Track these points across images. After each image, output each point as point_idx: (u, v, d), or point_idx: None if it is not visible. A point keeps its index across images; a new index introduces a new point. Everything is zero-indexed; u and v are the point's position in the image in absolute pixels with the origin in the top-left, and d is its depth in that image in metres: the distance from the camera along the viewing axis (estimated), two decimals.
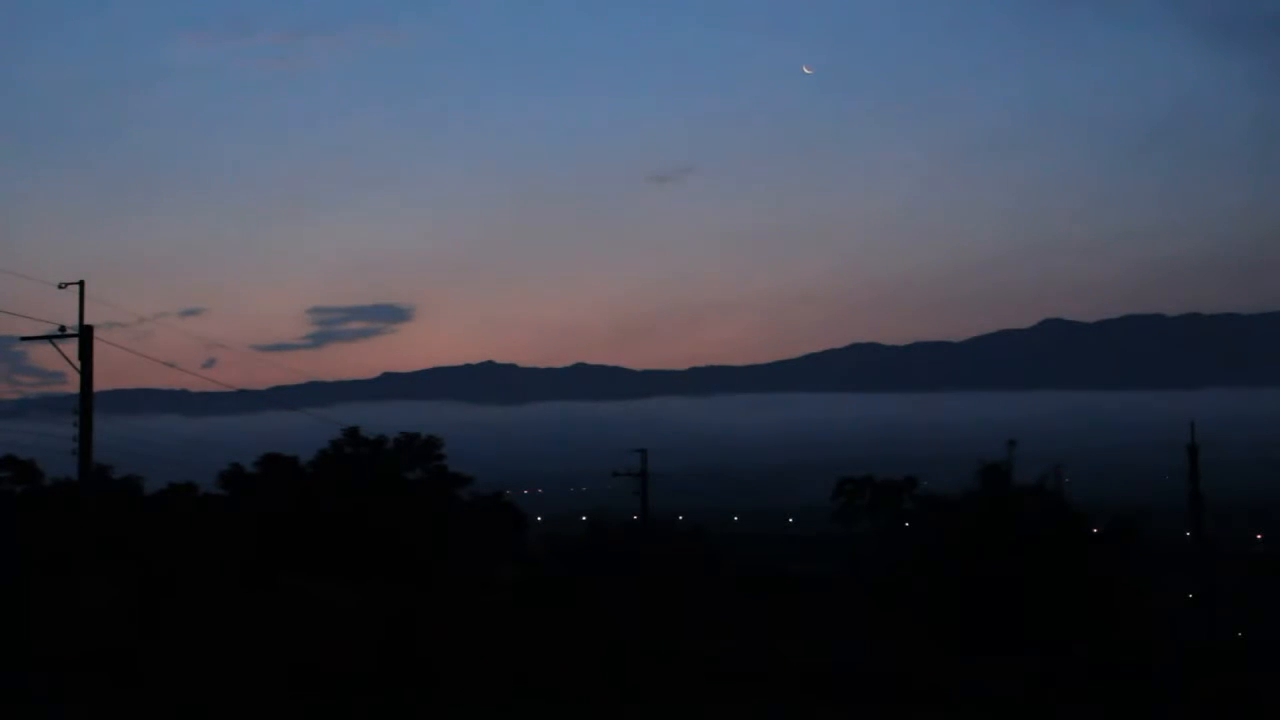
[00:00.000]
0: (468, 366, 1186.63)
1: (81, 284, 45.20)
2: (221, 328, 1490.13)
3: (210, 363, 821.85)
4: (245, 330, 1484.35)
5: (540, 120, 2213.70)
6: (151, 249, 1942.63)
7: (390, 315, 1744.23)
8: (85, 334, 44.80)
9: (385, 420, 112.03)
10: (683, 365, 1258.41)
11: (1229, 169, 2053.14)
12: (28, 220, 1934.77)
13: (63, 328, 44.78)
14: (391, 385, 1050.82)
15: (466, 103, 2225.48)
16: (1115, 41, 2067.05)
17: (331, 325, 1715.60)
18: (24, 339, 46.50)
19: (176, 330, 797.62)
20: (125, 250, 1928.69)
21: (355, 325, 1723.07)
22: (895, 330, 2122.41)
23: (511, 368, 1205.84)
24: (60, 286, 45.16)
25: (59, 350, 44.78)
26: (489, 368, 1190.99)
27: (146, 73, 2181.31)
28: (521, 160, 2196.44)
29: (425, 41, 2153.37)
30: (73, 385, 44.89)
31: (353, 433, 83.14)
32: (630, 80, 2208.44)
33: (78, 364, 44.75)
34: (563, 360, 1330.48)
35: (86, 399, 44.80)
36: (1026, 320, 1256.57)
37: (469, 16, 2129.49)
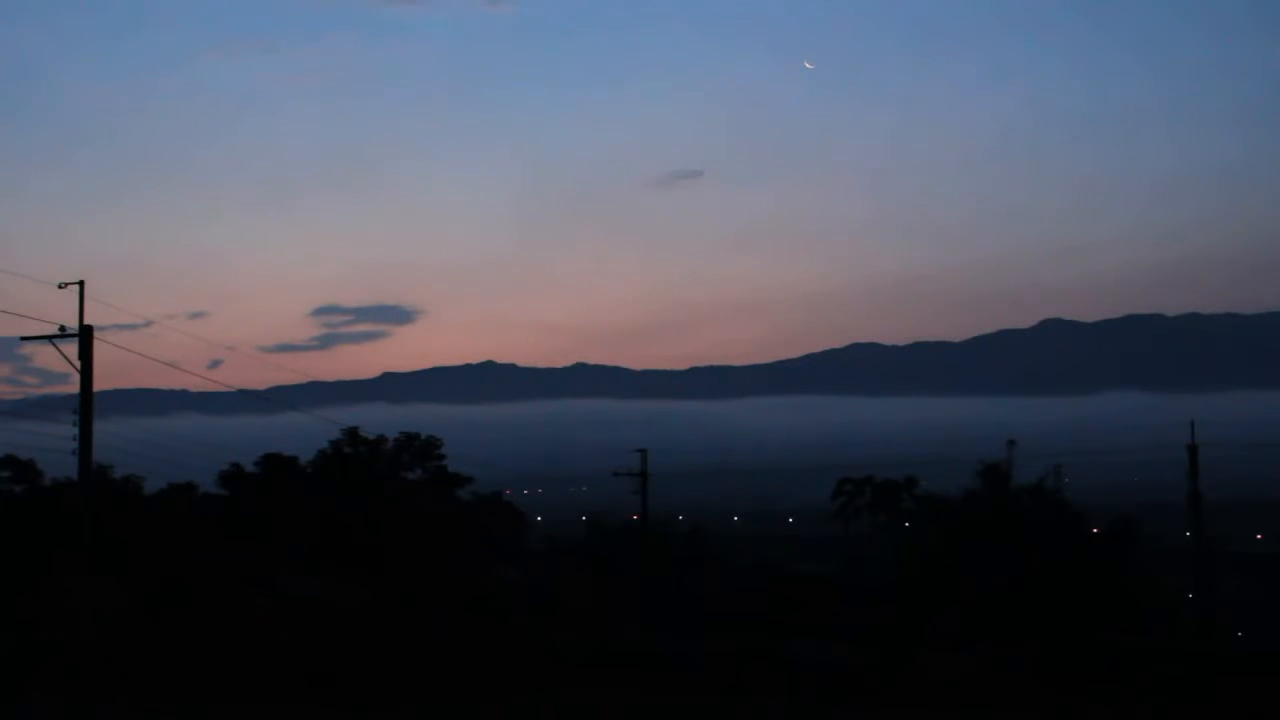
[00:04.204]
0: (468, 366, 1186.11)
1: (81, 284, 45.16)
2: (228, 330, 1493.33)
3: (216, 363, 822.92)
4: (251, 332, 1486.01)
5: (543, 123, 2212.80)
6: (158, 252, 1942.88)
7: (395, 317, 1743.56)
8: (85, 334, 44.78)
9: (385, 420, 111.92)
10: (683, 365, 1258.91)
11: (1228, 169, 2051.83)
12: (39, 223, 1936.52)
13: (63, 328, 44.75)
14: (391, 385, 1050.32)
15: (470, 107, 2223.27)
16: (1112, 43, 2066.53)
17: (338, 327, 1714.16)
18: (24, 339, 46.53)
19: (183, 332, 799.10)
20: (133, 253, 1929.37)
21: (361, 327, 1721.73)
22: (895, 330, 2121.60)
23: (511, 368, 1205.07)
24: (60, 286, 45.12)
25: (59, 351, 44.78)
26: (489, 368, 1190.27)
27: (159, 79, 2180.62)
28: (524, 163, 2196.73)
29: (430, 48, 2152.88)
30: (76, 386, 44.89)
31: (352, 433, 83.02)
32: (631, 83, 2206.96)
33: (78, 364, 44.74)
34: (563, 360, 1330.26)
35: (86, 399, 44.78)
36: (1026, 320, 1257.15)
37: (474, 24, 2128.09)
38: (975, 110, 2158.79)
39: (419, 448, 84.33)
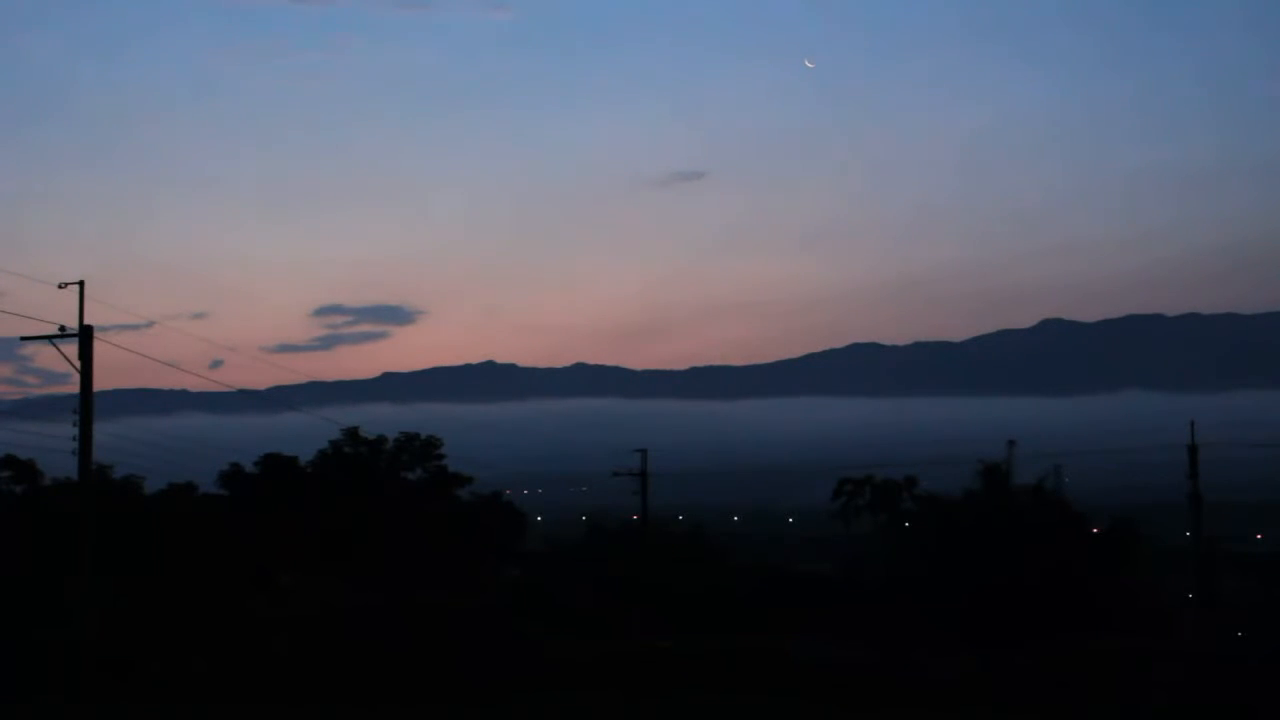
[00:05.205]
0: (468, 366, 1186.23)
1: (81, 284, 45.12)
2: (230, 330, 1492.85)
3: (217, 363, 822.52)
4: (253, 333, 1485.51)
5: (544, 124, 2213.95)
6: (159, 252, 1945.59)
7: (395, 317, 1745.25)
8: (85, 334, 44.77)
9: (385, 420, 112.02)
10: (683, 365, 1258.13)
11: (1229, 169, 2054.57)
12: (40, 223, 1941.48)
13: (62, 328, 44.73)
14: (391, 385, 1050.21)
15: (472, 108, 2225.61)
16: (1114, 43, 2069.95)
17: (339, 328, 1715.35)
18: (25, 339, 46.55)
19: (184, 332, 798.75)
20: (134, 253, 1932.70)
21: (362, 327, 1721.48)
22: (895, 330, 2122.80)
23: (511, 368, 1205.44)
24: (60, 286, 45.09)
25: (59, 351, 44.75)
26: (489, 368, 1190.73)
27: (163, 80, 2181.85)
28: (525, 163, 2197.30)
29: (431, 48, 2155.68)
30: (77, 386, 44.86)
31: (352, 433, 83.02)
32: (632, 84, 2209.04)
33: (78, 364, 44.74)
34: (563, 360, 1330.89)
35: (86, 399, 44.76)
36: (1026, 320, 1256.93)
37: (477, 27, 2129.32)
38: (975, 111, 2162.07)
39: (419, 448, 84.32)
